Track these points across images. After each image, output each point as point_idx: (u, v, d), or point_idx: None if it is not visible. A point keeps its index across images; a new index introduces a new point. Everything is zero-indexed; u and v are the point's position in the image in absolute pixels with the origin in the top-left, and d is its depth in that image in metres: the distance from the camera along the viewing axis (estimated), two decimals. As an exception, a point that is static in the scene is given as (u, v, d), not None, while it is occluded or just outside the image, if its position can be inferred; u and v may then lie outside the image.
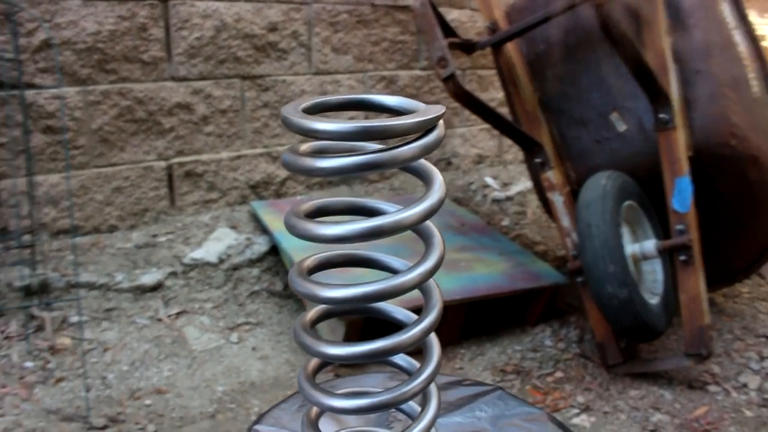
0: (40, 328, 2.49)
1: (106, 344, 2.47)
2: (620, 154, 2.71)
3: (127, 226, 2.95)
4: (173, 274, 2.77)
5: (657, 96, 2.47)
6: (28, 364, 2.35)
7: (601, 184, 2.45)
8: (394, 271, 1.01)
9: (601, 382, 2.47)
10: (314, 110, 0.92)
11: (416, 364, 0.99)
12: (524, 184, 3.79)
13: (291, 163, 0.90)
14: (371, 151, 0.88)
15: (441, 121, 0.97)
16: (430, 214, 0.92)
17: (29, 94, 2.66)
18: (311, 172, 0.87)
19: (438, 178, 0.94)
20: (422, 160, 0.99)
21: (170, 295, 2.72)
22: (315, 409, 1.00)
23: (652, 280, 2.58)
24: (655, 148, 2.52)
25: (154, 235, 2.92)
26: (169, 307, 2.68)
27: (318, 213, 0.99)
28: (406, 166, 1.00)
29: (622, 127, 2.74)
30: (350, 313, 1.05)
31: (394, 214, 0.90)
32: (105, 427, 2.12)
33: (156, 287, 2.71)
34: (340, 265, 1.10)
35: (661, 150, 2.51)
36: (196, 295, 2.74)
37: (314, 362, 1.01)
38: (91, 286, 2.64)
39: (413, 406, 1.02)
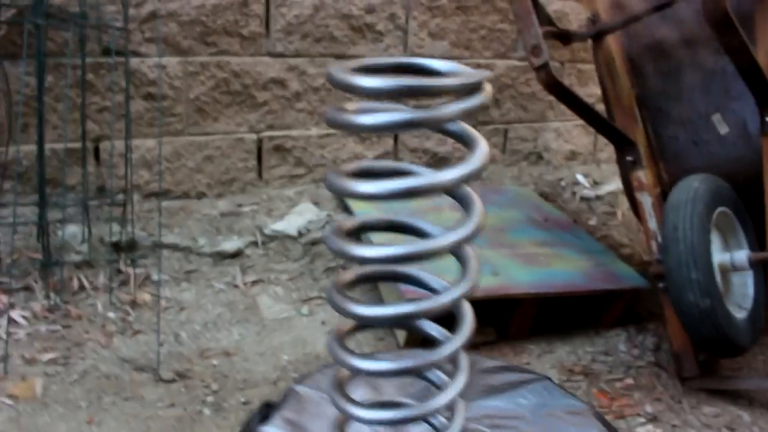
0: (124, 283, 2.62)
1: (183, 304, 2.58)
2: (718, 158, 2.57)
3: (214, 194, 3.06)
4: (253, 243, 2.85)
5: (765, 97, 2.32)
6: (111, 314, 2.49)
7: (693, 186, 2.32)
8: (429, 237, 1.00)
9: (674, 394, 2.36)
10: (362, 70, 0.92)
11: (448, 334, 0.98)
12: (616, 184, 3.65)
13: (332, 119, 0.91)
14: (409, 109, 0.87)
15: (487, 87, 0.95)
16: (468, 178, 0.90)
17: (134, 61, 2.79)
18: (349, 128, 0.88)
19: (481, 145, 0.93)
20: (466, 126, 0.98)
21: (248, 263, 2.80)
22: (343, 372, 1.00)
23: (742, 293, 2.44)
24: (758, 154, 2.38)
25: (239, 205, 3.01)
26: (246, 274, 2.76)
27: (361, 174, 0.99)
28: (449, 130, 0.99)
29: (723, 129, 2.59)
30: (384, 279, 1.05)
31: (429, 175, 0.89)
32: (173, 380, 2.21)
33: (235, 255, 2.79)
34: (378, 229, 1.10)
35: (765, 156, 2.36)
36: (273, 266, 2.81)
37: (345, 324, 1.02)
38: (174, 248, 2.76)
39: (441, 377, 1.00)
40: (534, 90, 3.68)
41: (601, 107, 2.93)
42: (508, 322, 2.53)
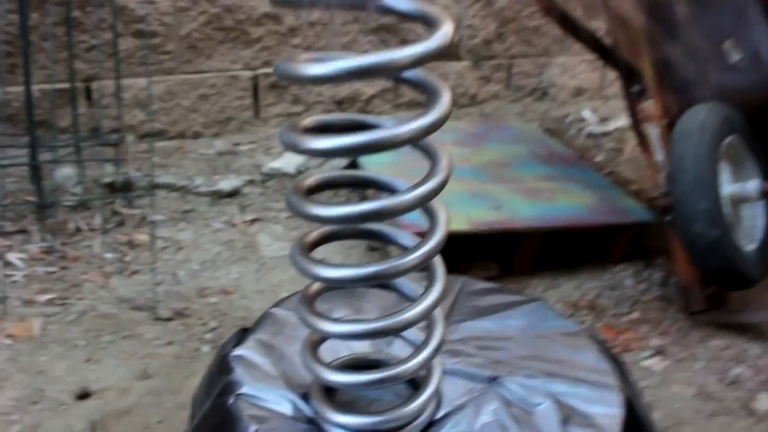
0: (121, 224, 2.59)
1: (181, 243, 2.55)
2: (730, 87, 2.48)
3: (211, 133, 3.00)
4: (251, 182, 2.81)
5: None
6: (108, 255, 2.46)
7: (701, 114, 2.25)
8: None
9: (681, 327, 2.32)
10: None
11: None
12: (624, 120, 3.56)
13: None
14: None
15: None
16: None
17: (121, -3, 2.70)
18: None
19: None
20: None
21: (246, 202, 2.75)
22: (313, 286, 0.96)
23: (752, 225, 2.38)
24: (771, 82, 2.29)
25: (236, 144, 2.95)
26: (244, 213, 2.72)
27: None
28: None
29: (735, 56, 2.50)
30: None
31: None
32: (170, 319, 2.19)
33: (233, 193, 2.75)
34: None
35: (778, 84, 2.27)
36: (272, 204, 2.76)
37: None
38: (171, 188, 2.72)
39: (416, 289, 0.95)
40: (539, 23, 3.56)
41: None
42: (512, 257, 2.49)
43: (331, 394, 0.98)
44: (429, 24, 0.81)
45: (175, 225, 2.63)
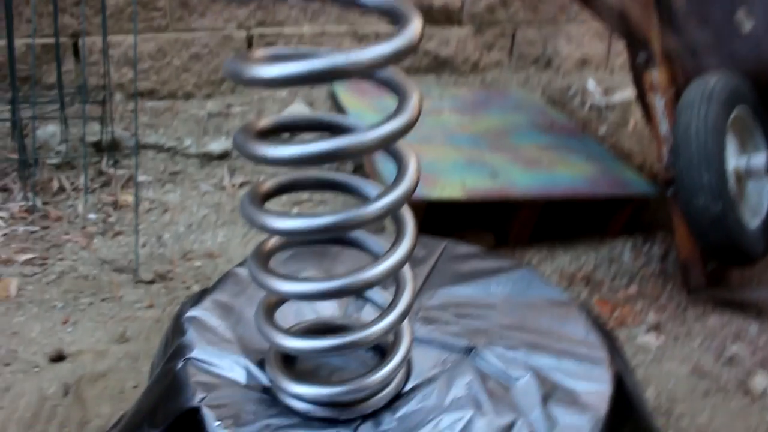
0: (106, 184, 2.50)
1: (167, 205, 2.45)
2: (740, 57, 2.36)
3: (203, 94, 2.89)
4: (242, 145, 2.69)
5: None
6: (92, 216, 2.37)
7: (709, 84, 2.13)
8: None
9: (679, 304, 2.23)
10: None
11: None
12: (629, 93, 3.43)
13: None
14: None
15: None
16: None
17: (111, -51, 2.58)
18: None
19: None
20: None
21: (236, 165, 2.65)
22: (269, 241, 0.86)
23: (757, 201, 2.28)
24: (784, 52, 2.17)
25: (229, 105, 2.85)
26: (234, 176, 2.62)
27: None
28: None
29: (748, 25, 2.37)
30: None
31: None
32: (152, 281, 2.11)
33: (223, 156, 2.66)
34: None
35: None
36: (263, 168, 2.65)
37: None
38: (159, 149, 2.63)
39: (381, 245, 0.85)
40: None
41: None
42: (508, 227, 2.39)
43: (290, 362, 0.89)
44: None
45: (162, 186, 2.53)
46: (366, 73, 0.71)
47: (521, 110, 3.02)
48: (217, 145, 2.66)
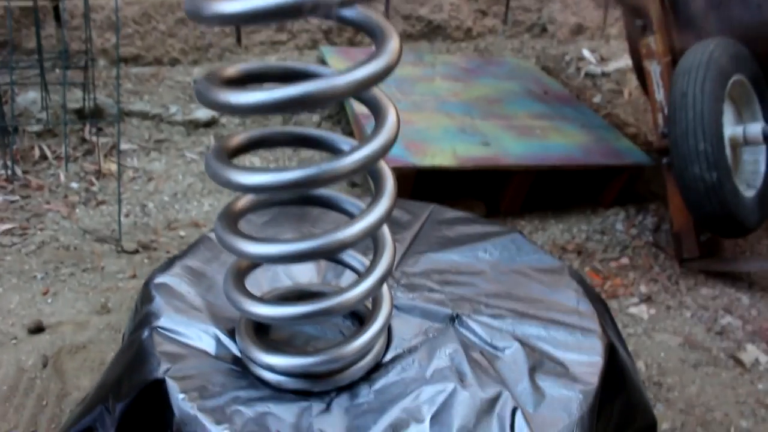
0: (89, 152, 2.42)
1: (152, 174, 2.38)
2: (740, 23, 2.28)
3: (189, 60, 2.80)
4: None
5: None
6: (74, 184, 2.30)
7: (708, 49, 2.06)
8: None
9: (671, 275, 2.19)
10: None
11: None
12: (625, 61, 3.36)
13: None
14: None
15: None
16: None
17: None
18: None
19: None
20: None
21: (224, 132, 2.58)
22: (240, 200, 0.80)
23: (752, 171, 2.22)
24: (785, 18, 2.09)
25: (215, 72, 2.75)
26: (220, 145, 2.54)
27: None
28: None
29: (748, -10, 2.29)
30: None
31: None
32: (135, 251, 2.05)
33: (210, 123, 2.58)
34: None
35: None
36: (250, 137, 2.59)
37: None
38: (144, 116, 2.54)
39: (357, 204, 0.79)
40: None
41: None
42: (500, 196, 2.33)
43: (263, 331, 0.83)
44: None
45: (147, 155, 2.46)
46: (333, 11, 0.65)
47: (515, 78, 2.94)
48: (204, 113, 2.58)
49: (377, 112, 0.72)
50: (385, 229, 0.76)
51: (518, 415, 0.78)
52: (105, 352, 1.70)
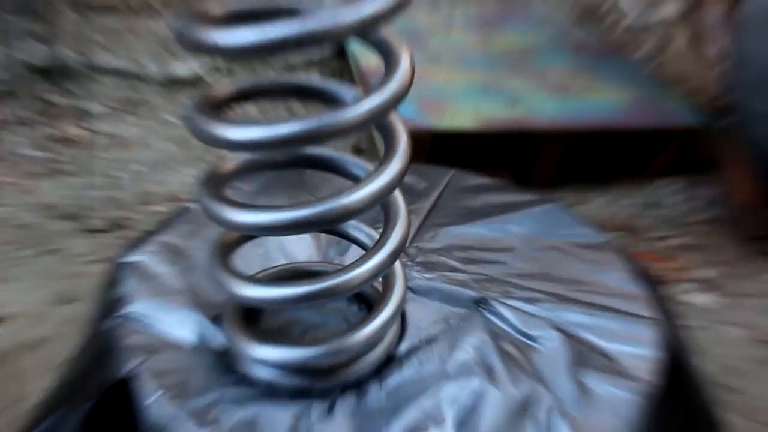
0: (54, 116, 2.42)
1: (126, 141, 2.39)
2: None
3: (168, 11, 2.79)
4: (216, 68, 2.62)
5: None
6: (37, 153, 2.30)
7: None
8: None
9: (732, 257, 2.18)
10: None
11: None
12: (673, 8, 3.32)
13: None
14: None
15: None
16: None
17: None
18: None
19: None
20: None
21: (208, 92, 2.56)
22: (226, 162, 0.77)
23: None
24: None
25: (198, 23, 2.74)
26: (204, 106, 2.53)
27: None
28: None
29: None
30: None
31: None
32: (104, 231, 2.05)
33: (193, 81, 2.57)
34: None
35: None
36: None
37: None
38: (116, 73, 2.55)
39: (364, 167, 0.76)
40: None
41: None
42: (530, 165, 2.31)
43: (254, 318, 0.80)
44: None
45: (120, 118, 2.47)
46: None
47: (545, 28, 2.96)
48: (185, 68, 2.58)
49: (388, 55, 0.69)
50: (398, 195, 0.73)
51: (557, 417, 0.75)
52: (68, 348, 1.69)
